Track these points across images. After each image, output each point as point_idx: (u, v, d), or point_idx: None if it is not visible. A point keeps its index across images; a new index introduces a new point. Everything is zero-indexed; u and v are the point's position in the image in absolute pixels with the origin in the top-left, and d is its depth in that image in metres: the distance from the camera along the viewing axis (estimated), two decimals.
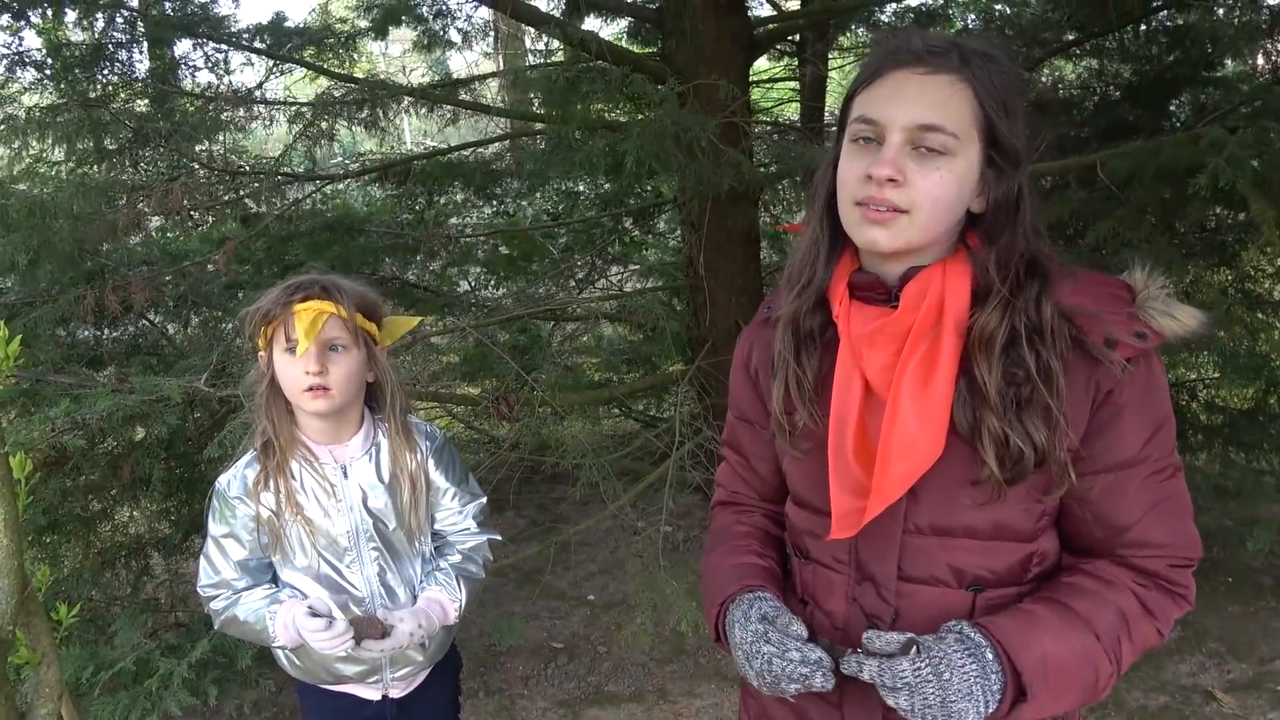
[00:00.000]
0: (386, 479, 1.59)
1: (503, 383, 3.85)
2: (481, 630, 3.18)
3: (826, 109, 4.82)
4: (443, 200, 4.84)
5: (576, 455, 2.79)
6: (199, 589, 1.59)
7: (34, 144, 2.79)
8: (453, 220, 4.84)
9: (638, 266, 5.23)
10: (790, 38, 4.70)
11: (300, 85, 5.47)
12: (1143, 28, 3.72)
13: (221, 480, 1.57)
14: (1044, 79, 4.08)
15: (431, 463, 1.64)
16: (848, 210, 1.01)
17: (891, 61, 1.00)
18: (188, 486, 2.73)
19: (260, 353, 1.51)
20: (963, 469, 1.02)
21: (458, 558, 1.67)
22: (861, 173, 0.98)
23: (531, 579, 3.67)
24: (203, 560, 1.58)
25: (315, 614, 1.45)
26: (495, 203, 5.25)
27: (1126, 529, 1.03)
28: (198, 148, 3.02)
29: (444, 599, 1.61)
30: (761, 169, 3.28)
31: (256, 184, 3.07)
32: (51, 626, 1.39)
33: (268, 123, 3.82)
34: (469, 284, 4.91)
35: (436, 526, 1.69)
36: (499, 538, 1.74)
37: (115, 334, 3.51)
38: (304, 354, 1.43)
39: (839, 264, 1.09)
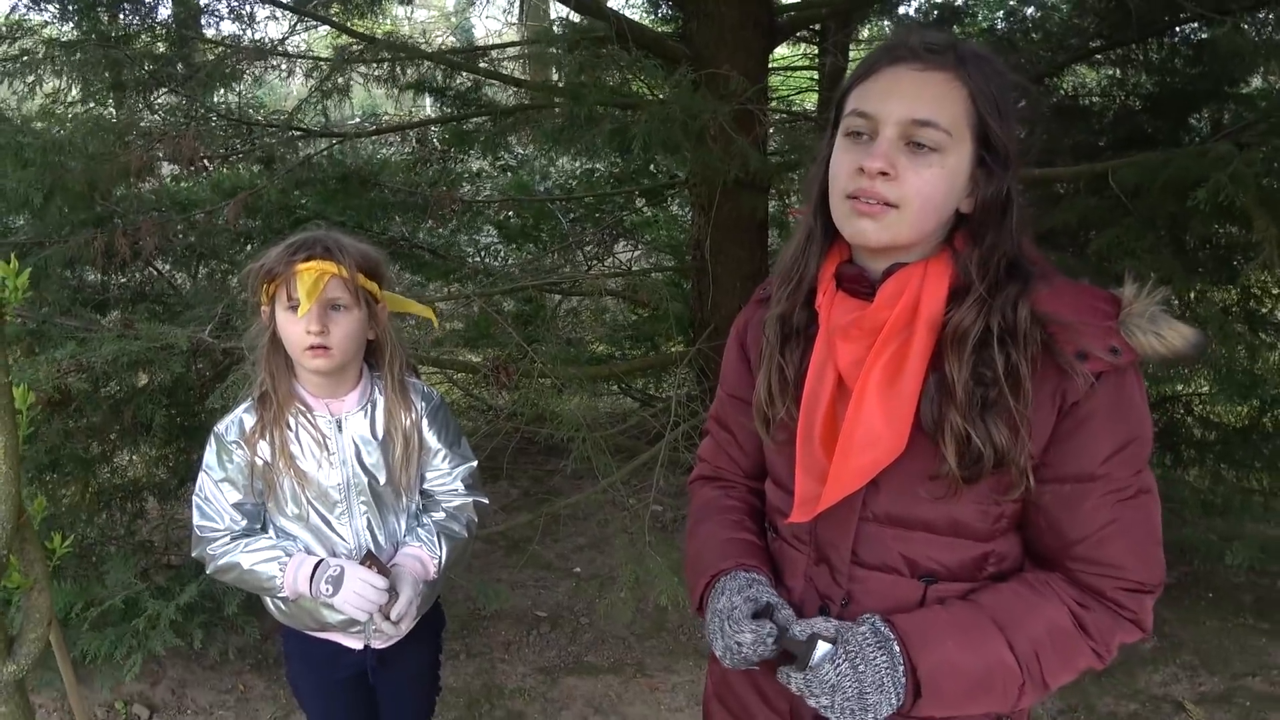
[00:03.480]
0: (380, 435, 1.62)
1: (504, 352, 3.88)
2: (466, 594, 3.22)
3: None
4: (458, 168, 4.87)
5: (571, 429, 2.82)
6: (195, 528, 1.61)
7: (51, 80, 2.80)
8: (465, 188, 4.86)
9: (645, 245, 5.26)
10: (812, 26, 4.68)
11: (320, 42, 5.46)
12: (1166, 39, 3.70)
13: (220, 426, 1.60)
14: (1065, 85, 4.07)
15: (425, 423, 1.67)
16: (838, 203, 1.02)
17: (888, 57, 1.00)
18: (187, 434, 2.77)
19: (263, 308, 1.54)
20: (923, 463, 1.03)
21: (442, 515, 1.71)
22: (854, 166, 0.99)
23: (520, 548, 3.71)
24: (197, 502, 1.61)
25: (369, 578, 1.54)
26: (509, 173, 5.27)
27: (1075, 543, 1.03)
28: (214, 97, 3.03)
29: (424, 555, 1.65)
30: (775, 158, 3.28)
31: (270, 137, 3.08)
32: (45, 556, 1.43)
33: (285, 75, 3.84)
34: (477, 251, 4.94)
35: (425, 486, 1.72)
36: (486, 500, 1.77)
37: (122, 280, 3.55)
38: (306, 314, 1.45)
39: (829, 257, 1.11)
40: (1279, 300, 3.58)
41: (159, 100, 3.07)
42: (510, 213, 4.87)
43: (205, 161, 2.83)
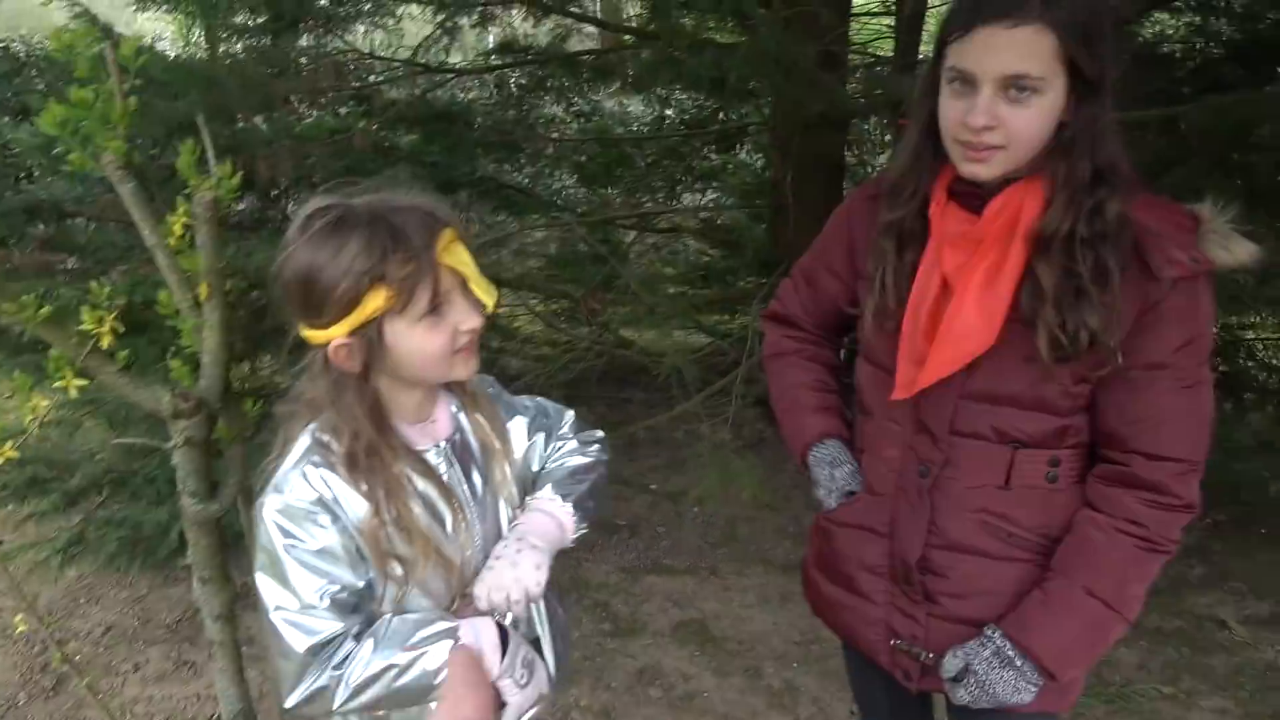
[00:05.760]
0: (477, 450, 1.23)
1: (584, 287, 4.12)
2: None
3: (923, 47, 4.88)
4: (533, 113, 5.10)
5: (659, 353, 3.05)
6: (286, 653, 1.07)
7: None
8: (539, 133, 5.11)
9: (717, 189, 5.45)
10: None
11: None
12: None
13: (280, 499, 1.08)
14: (1146, 32, 4.08)
15: (502, 413, 1.30)
16: (950, 145, 1.19)
17: (979, 17, 1.14)
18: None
19: (336, 342, 1.05)
20: (1019, 348, 1.21)
21: (550, 465, 1.33)
22: (960, 118, 1.15)
23: None
24: (281, 622, 1.07)
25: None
26: (583, 119, 5.49)
27: (1136, 423, 1.21)
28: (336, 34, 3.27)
29: (552, 507, 1.24)
30: (854, 100, 3.42)
31: (387, 74, 3.33)
32: (244, 416, 1.71)
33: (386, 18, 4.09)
34: (552, 194, 5.18)
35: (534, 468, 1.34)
36: (600, 434, 1.40)
37: (241, 207, 3.87)
38: (456, 306, 1.08)
39: (941, 173, 1.27)
40: None
41: (290, 40, 3.33)
42: (585, 156, 5.09)
43: (330, 94, 3.07)
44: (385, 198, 1.08)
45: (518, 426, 1.31)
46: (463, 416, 1.24)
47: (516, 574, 1.14)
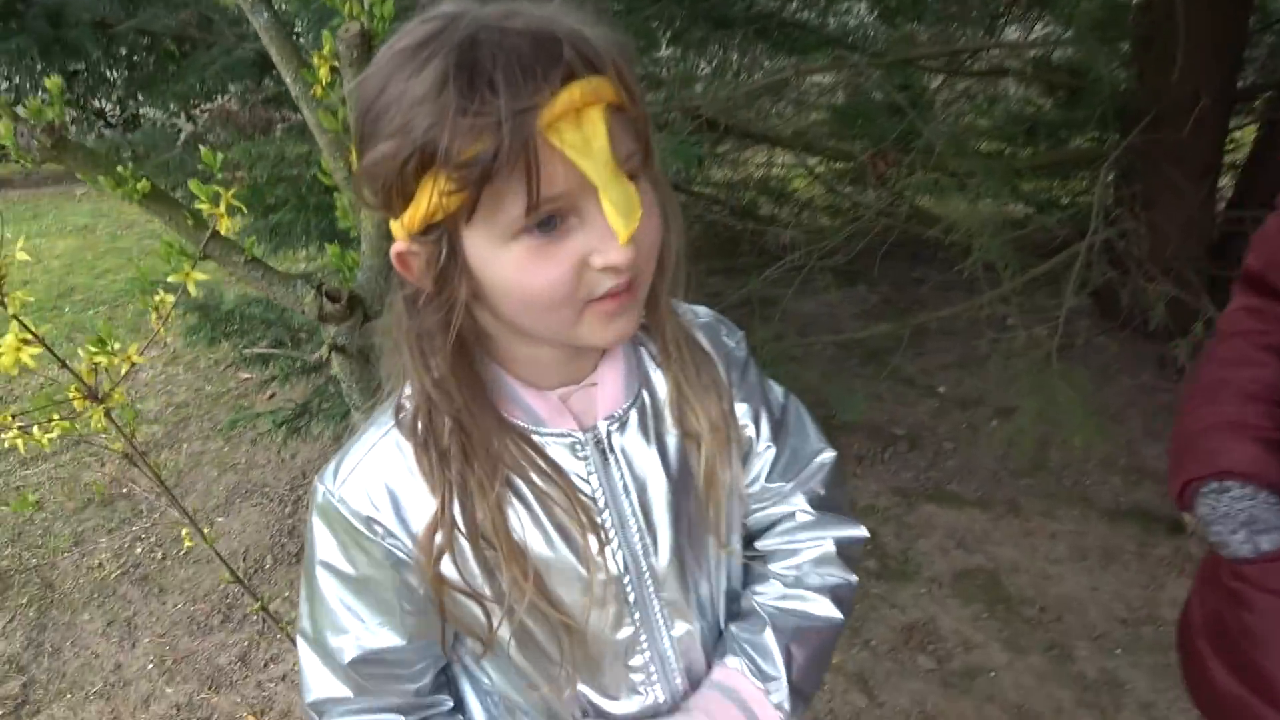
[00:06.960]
0: (674, 447, 0.75)
1: (874, 145, 3.44)
2: (818, 398, 3.02)
3: None
4: None
5: (966, 231, 2.38)
6: (305, 703, 0.76)
7: None
8: None
9: (1054, 22, 4.37)
10: None
11: None
12: None
13: (327, 490, 0.70)
14: None
15: (738, 392, 0.81)
16: None
17: None
18: None
19: (398, 246, 0.62)
20: None
21: (775, 591, 0.83)
22: None
23: (878, 359, 3.41)
24: (300, 645, 0.75)
25: None
26: None
27: None
28: None
29: (743, 687, 0.78)
30: None
31: None
32: None
33: None
34: (845, 32, 4.40)
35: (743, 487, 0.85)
36: (863, 534, 0.86)
37: None
38: (589, 224, 0.59)
39: None
40: None
41: None
42: None
43: None
44: (517, 9, 0.57)
45: (743, 416, 0.81)
46: (657, 381, 0.75)
47: None
